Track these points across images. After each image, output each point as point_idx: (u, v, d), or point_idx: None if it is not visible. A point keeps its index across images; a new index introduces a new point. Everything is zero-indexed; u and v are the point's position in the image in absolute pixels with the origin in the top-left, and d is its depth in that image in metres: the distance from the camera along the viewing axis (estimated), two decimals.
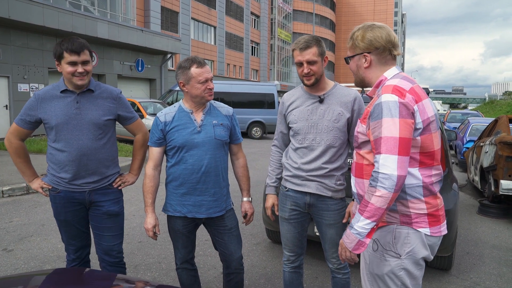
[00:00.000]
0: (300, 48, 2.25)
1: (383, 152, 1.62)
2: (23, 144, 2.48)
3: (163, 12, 25.26)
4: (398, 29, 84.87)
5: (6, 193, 6.21)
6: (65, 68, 2.31)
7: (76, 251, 2.60)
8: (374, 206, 1.62)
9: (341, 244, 1.77)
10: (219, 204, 2.45)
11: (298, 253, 2.55)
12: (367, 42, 1.83)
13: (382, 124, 1.64)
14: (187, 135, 2.34)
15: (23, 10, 12.74)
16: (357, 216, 1.68)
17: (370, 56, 1.84)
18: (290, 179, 2.45)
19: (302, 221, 2.49)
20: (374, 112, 1.69)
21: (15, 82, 13.67)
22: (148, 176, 2.43)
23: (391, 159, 1.61)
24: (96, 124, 2.41)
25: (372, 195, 1.62)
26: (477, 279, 3.69)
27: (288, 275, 2.59)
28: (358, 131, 1.84)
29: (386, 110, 1.64)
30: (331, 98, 2.36)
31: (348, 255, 1.74)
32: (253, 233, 4.77)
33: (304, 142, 2.36)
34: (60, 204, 2.46)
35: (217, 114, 2.46)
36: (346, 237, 1.72)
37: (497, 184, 5.57)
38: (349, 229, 1.71)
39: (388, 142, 1.62)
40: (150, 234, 2.43)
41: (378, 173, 1.62)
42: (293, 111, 2.41)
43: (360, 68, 1.89)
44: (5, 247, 4.17)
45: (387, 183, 1.60)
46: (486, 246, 4.61)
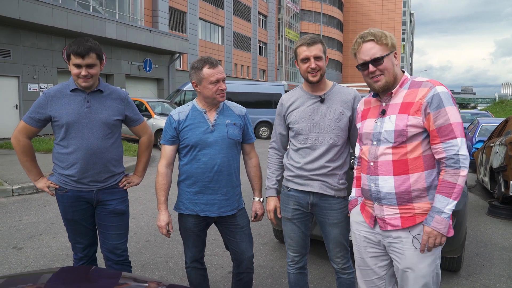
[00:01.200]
0: (307, 43, 2.26)
1: (459, 136, 1.78)
2: (30, 143, 2.49)
3: (171, 12, 25.36)
4: (406, 29, 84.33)
5: (16, 191, 6.28)
6: (72, 69, 2.36)
7: (84, 249, 2.62)
8: (461, 186, 1.78)
9: (431, 232, 1.80)
10: (231, 203, 2.46)
11: (303, 253, 2.54)
12: (395, 42, 1.95)
13: (447, 112, 1.79)
14: (200, 134, 2.36)
15: (32, 10, 12.87)
16: (443, 200, 1.78)
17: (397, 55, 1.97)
18: (292, 179, 2.45)
19: (305, 221, 2.49)
20: (433, 102, 1.81)
21: (25, 82, 13.83)
22: (161, 174, 2.44)
23: (464, 141, 1.80)
24: (106, 124, 2.43)
25: (458, 176, 1.77)
26: (487, 281, 3.66)
27: (293, 276, 2.58)
28: (409, 124, 1.85)
29: (446, 99, 1.81)
30: (332, 98, 2.36)
31: (438, 241, 1.81)
32: (261, 233, 4.77)
33: (306, 142, 2.36)
34: (68, 203, 2.48)
35: (230, 113, 2.47)
36: (438, 223, 1.78)
37: (507, 185, 5.50)
38: (438, 215, 1.78)
39: (458, 127, 1.79)
40: (163, 232, 2.44)
41: (459, 155, 1.77)
42: (293, 112, 2.40)
43: (394, 65, 1.95)
44: (15, 245, 4.22)
45: (467, 163, 1.79)
46: (496, 247, 4.56)
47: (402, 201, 1.90)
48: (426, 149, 1.88)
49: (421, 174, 1.87)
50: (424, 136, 1.87)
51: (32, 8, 12.86)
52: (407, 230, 1.91)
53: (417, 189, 1.88)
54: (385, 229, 1.97)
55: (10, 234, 4.54)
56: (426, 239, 1.82)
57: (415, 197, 1.89)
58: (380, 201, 1.96)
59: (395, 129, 1.89)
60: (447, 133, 1.79)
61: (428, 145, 1.88)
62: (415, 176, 1.87)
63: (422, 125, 1.85)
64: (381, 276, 2.09)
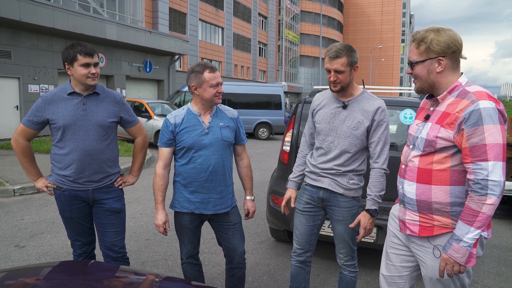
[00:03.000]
0: (329, 57, 2.33)
1: (492, 159, 1.64)
2: (29, 145, 2.59)
3: (171, 13, 25.48)
4: (406, 30, 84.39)
5: (17, 191, 6.38)
6: (79, 70, 2.44)
7: (82, 246, 2.73)
8: (486, 215, 1.65)
9: (447, 259, 1.73)
10: (225, 201, 2.58)
11: (306, 249, 2.64)
12: (444, 46, 1.78)
13: (484, 131, 1.64)
14: (196, 136, 2.47)
15: (33, 12, 12.98)
16: (464, 227, 1.68)
17: (445, 60, 1.80)
18: (308, 174, 2.60)
19: (315, 216, 2.59)
20: (471, 119, 1.67)
21: (25, 83, 13.94)
22: (158, 175, 2.55)
23: (498, 165, 1.64)
24: (102, 126, 2.53)
25: (483, 204, 1.64)
26: (476, 278, 3.76)
27: (293, 268, 2.70)
28: (439, 136, 1.79)
29: (487, 116, 1.65)
30: (354, 106, 2.43)
31: (457, 269, 1.72)
32: (258, 232, 4.87)
33: (323, 143, 2.48)
34: (65, 202, 2.58)
35: (223, 116, 2.59)
36: (455, 252, 1.70)
37: None
38: (456, 243, 1.70)
39: (495, 149, 1.64)
40: (161, 230, 2.55)
41: (488, 180, 1.63)
42: (319, 112, 2.54)
43: (431, 72, 1.84)
44: (17, 243, 4.33)
45: (497, 190, 1.64)
46: (487, 246, 4.66)
47: (422, 209, 1.89)
48: (457, 164, 1.79)
49: (445, 187, 1.81)
50: (456, 150, 1.78)
51: (32, 9, 12.97)
52: (427, 239, 1.90)
53: (439, 202, 1.82)
54: (404, 232, 2.00)
55: (12, 233, 4.64)
56: (443, 265, 1.76)
57: (436, 210, 1.84)
58: (404, 204, 1.98)
59: (426, 138, 1.85)
60: (479, 153, 1.66)
61: (460, 160, 1.77)
62: (438, 188, 1.82)
63: (452, 140, 1.76)
64: (402, 275, 2.10)
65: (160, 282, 1.71)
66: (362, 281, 3.60)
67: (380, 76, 73.19)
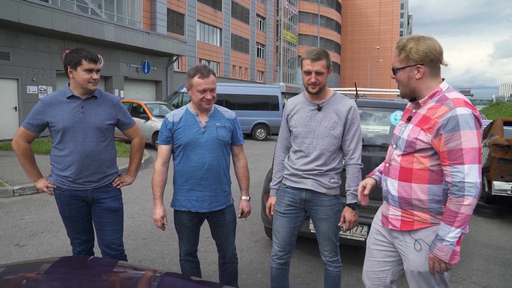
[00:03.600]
0: (312, 59, 2.44)
1: (468, 162, 1.74)
2: (30, 147, 2.68)
3: (169, 14, 25.56)
4: (404, 31, 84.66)
5: (17, 192, 6.47)
6: (82, 74, 2.53)
7: (81, 244, 2.83)
8: (464, 215, 1.76)
9: (433, 258, 1.85)
10: (219, 199, 2.68)
11: (287, 250, 2.72)
12: (422, 54, 1.89)
13: (461, 136, 1.75)
14: (192, 134, 2.58)
15: (32, 13, 13.05)
16: (445, 228, 1.80)
17: (423, 68, 1.91)
18: (288, 177, 2.66)
19: (296, 217, 2.67)
20: (449, 125, 1.78)
21: (24, 84, 14.00)
22: (157, 172, 2.67)
23: (474, 168, 1.75)
24: (99, 128, 2.63)
25: (461, 205, 1.75)
26: (464, 275, 3.87)
27: (275, 271, 2.76)
28: (419, 138, 1.89)
29: (464, 123, 1.76)
30: (329, 107, 2.55)
31: (443, 266, 1.84)
32: (253, 231, 4.97)
33: (302, 146, 2.57)
34: (65, 201, 2.68)
35: (221, 117, 2.70)
36: (439, 250, 1.82)
37: (490, 185, 5.73)
38: (439, 242, 1.81)
39: (470, 153, 1.75)
40: (159, 224, 2.67)
41: (464, 182, 1.74)
42: (294, 116, 2.62)
43: (411, 79, 1.95)
44: (17, 242, 4.42)
45: (473, 191, 1.75)
46: (477, 244, 4.78)
47: (403, 205, 2.00)
48: (435, 164, 1.90)
49: (424, 186, 1.92)
50: (434, 152, 1.89)
51: (31, 11, 13.04)
52: (409, 233, 2.01)
53: (418, 199, 1.94)
54: (386, 226, 2.12)
55: (12, 232, 4.73)
56: (431, 264, 1.88)
57: (416, 206, 1.96)
58: (387, 200, 2.09)
59: (406, 139, 1.96)
60: (456, 157, 1.77)
61: (438, 161, 1.88)
62: (417, 186, 1.93)
63: (430, 143, 1.87)
64: (383, 270, 2.22)
65: (161, 277, 1.79)
66: (353, 278, 3.70)
67: (378, 77, 73.38)
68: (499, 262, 4.24)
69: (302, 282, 3.64)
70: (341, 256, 2.78)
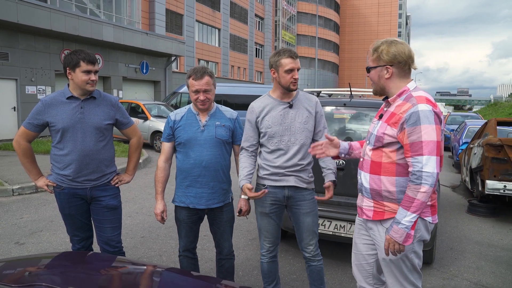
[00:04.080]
0: (295, 56, 2.61)
1: (426, 153, 1.90)
2: (30, 146, 2.75)
3: (167, 14, 25.60)
4: (402, 31, 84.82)
5: (16, 191, 6.53)
6: (80, 76, 2.60)
7: (80, 241, 2.90)
8: (420, 201, 1.91)
9: (389, 239, 1.99)
10: (217, 197, 2.76)
11: (276, 243, 2.85)
12: (391, 56, 2.07)
13: (421, 130, 1.91)
14: (191, 133, 2.68)
15: (30, 14, 13.11)
16: (402, 212, 1.95)
17: (392, 69, 2.09)
18: (268, 177, 2.71)
19: (280, 214, 2.80)
20: (411, 119, 1.95)
21: (23, 85, 14.05)
22: (160, 168, 2.78)
23: (432, 159, 1.90)
24: (98, 128, 2.71)
25: (417, 192, 1.91)
26: (456, 272, 3.95)
27: (266, 265, 2.85)
28: (385, 133, 2.06)
29: (424, 117, 1.92)
30: (298, 103, 2.69)
31: (397, 247, 1.98)
32: (249, 230, 5.04)
33: (280, 144, 2.66)
34: (64, 199, 2.75)
35: (221, 116, 2.78)
36: (394, 232, 1.96)
37: (484, 184, 5.81)
38: (395, 225, 1.96)
39: (429, 145, 1.90)
40: (159, 218, 2.79)
41: (422, 172, 1.90)
42: (266, 117, 2.68)
43: (381, 78, 2.13)
44: (17, 240, 4.49)
45: (430, 180, 1.90)
46: (470, 242, 4.86)
47: (375, 196, 2.15)
48: (401, 158, 2.04)
49: (391, 178, 2.07)
50: (399, 146, 2.04)
51: (30, 11, 13.09)
52: (380, 223, 2.15)
53: (387, 190, 2.09)
54: (361, 217, 2.27)
55: (12, 230, 4.80)
56: (387, 244, 2.03)
57: (385, 197, 2.11)
58: (362, 192, 2.25)
59: (376, 134, 2.12)
60: (416, 149, 1.92)
61: (404, 155, 2.03)
62: (386, 178, 2.08)
63: (395, 137, 2.03)
64: (369, 262, 2.34)
65: (161, 272, 1.86)
66: (348, 275, 3.78)
67: None
68: (490, 259, 4.32)
69: (297, 279, 3.71)
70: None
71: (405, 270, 2.13)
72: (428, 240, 2.16)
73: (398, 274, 2.15)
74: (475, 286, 3.68)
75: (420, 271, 2.18)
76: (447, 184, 8.52)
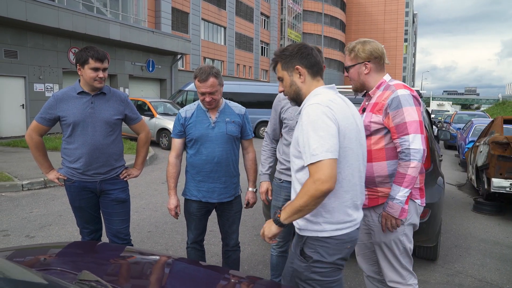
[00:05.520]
0: None
1: (411, 132, 2.07)
2: (42, 140, 2.83)
3: (173, 13, 25.70)
4: (409, 29, 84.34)
5: (25, 186, 6.63)
6: (88, 73, 2.66)
7: (90, 233, 2.97)
8: (411, 176, 2.06)
9: (385, 215, 2.14)
10: (228, 191, 2.83)
11: (287, 239, 2.88)
12: (368, 53, 2.25)
13: (403, 112, 2.09)
14: (203, 129, 2.72)
15: (39, 13, 13.24)
16: (396, 188, 2.10)
17: (370, 64, 2.27)
18: (285, 172, 2.78)
19: None
20: (393, 104, 2.12)
21: (31, 82, 14.21)
22: (171, 164, 2.83)
23: (417, 137, 2.07)
24: (108, 123, 2.77)
25: (408, 167, 2.06)
26: (461, 268, 3.97)
27: (275, 259, 2.91)
28: (372, 121, 2.20)
29: (404, 101, 2.11)
30: None
31: (394, 222, 2.13)
32: (255, 225, 5.09)
33: None
34: (75, 192, 2.81)
35: (231, 112, 2.83)
36: (390, 208, 2.11)
37: (489, 182, 5.81)
38: (391, 201, 2.11)
39: (413, 125, 2.08)
40: (172, 213, 2.86)
41: (410, 149, 2.06)
42: (289, 109, 2.73)
43: (361, 74, 2.30)
44: (27, 234, 4.57)
45: (418, 155, 2.06)
46: (475, 240, 4.87)
47: (368, 184, 2.21)
48: (389, 142, 2.20)
49: (383, 163, 2.21)
50: (386, 131, 2.19)
51: (38, 10, 13.23)
52: (373, 209, 2.27)
53: (380, 175, 2.22)
54: None
55: (22, 224, 4.89)
56: (383, 221, 2.18)
57: (379, 182, 2.23)
58: None
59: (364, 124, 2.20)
60: (402, 130, 2.09)
61: (391, 139, 2.19)
62: (378, 164, 2.21)
63: (381, 122, 2.18)
64: (372, 250, 2.44)
65: (172, 261, 1.91)
66: (352, 270, 3.81)
67: None
68: (495, 257, 4.33)
69: None
70: None
71: (397, 253, 2.25)
72: (417, 226, 2.30)
73: (391, 257, 2.26)
74: (480, 282, 3.70)
75: (411, 256, 2.31)
76: (453, 183, 8.51)
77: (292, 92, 1.90)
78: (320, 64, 1.90)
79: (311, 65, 1.86)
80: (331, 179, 1.60)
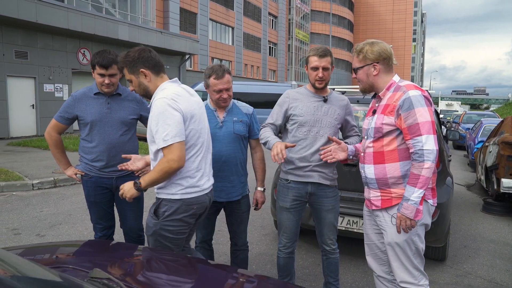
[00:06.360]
0: (319, 55, 2.62)
1: (424, 133, 2.06)
2: (60, 138, 2.95)
3: (181, 13, 25.82)
4: (417, 29, 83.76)
5: (36, 186, 6.72)
6: (96, 77, 2.79)
7: (103, 229, 3.04)
8: (425, 177, 2.06)
9: (400, 216, 2.13)
10: (236, 190, 2.85)
11: (294, 240, 2.88)
12: (376, 54, 2.24)
13: (415, 113, 2.08)
14: (210, 129, 2.70)
15: (49, 14, 13.40)
16: (410, 189, 2.09)
17: (378, 65, 2.26)
18: (292, 172, 2.76)
19: (300, 210, 2.83)
20: (404, 105, 2.11)
21: (41, 83, 14.37)
22: None
23: (430, 138, 2.07)
24: (124, 122, 2.86)
25: (422, 168, 2.06)
26: (470, 269, 3.95)
27: (282, 260, 2.91)
28: (384, 123, 2.20)
29: (416, 101, 2.10)
30: (332, 100, 2.75)
31: (409, 223, 2.12)
32: (263, 225, 5.11)
33: (309, 134, 2.69)
34: (91, 187, 2.91)
35: (238, 112, 2.85)
36: (405, 209, 2.10)
37: (499, 182, 5.76)
38: (405, 202, 2.10)
39: (425, 126, 2.07)
40: None
41: (423, 150, 2.06)
42: (299, 106, 2.72)
43: (369, 75, 2.29)
44: (38, 232, 4.63)
45: (431, 156, 2.06)
46: (484, 240, 4.83)
47: (381, 185, 2.26)
48: (401, 143, 2.20)
49: (395, 164, 2.22)
50: (398, 133, 2.19)
51: (48, 11, 13.38)
52: (386, 210, 2.28)
53: (393, 176, 2.23)
54: (370, 208, 2.38)
55: (33, 223, 4.95)
56: (398, 222, 2.16)
57: (392, 183, 2.24)
58: (368, 185, 2.36)
59: (374, 126, 2.26)
60: (414, 131, 2.09)
61: (403, 140, 2.19)
62: (390, 165, 2.22)
63: (394, 124, 2.18)
64: (383, 250, 2.44)
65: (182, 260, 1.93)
66: (360, 270, 3.81)
67: None
68: (505, 258, 4.30)
69: (310, 274, 3.76)
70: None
71: (410, 253, 2.24)
72: (429, 226, 2.29)
73: (403, 258, 2.25)
74: (489, 283, 3.67)
75: (423, 257, 2.30)
76: (462, 183, 8.45)
77: (142, 90, 2.26)
78: (160, 63, 2.26)
79: (153, 65, 2.22)
80: (181, 159, 2.03)
